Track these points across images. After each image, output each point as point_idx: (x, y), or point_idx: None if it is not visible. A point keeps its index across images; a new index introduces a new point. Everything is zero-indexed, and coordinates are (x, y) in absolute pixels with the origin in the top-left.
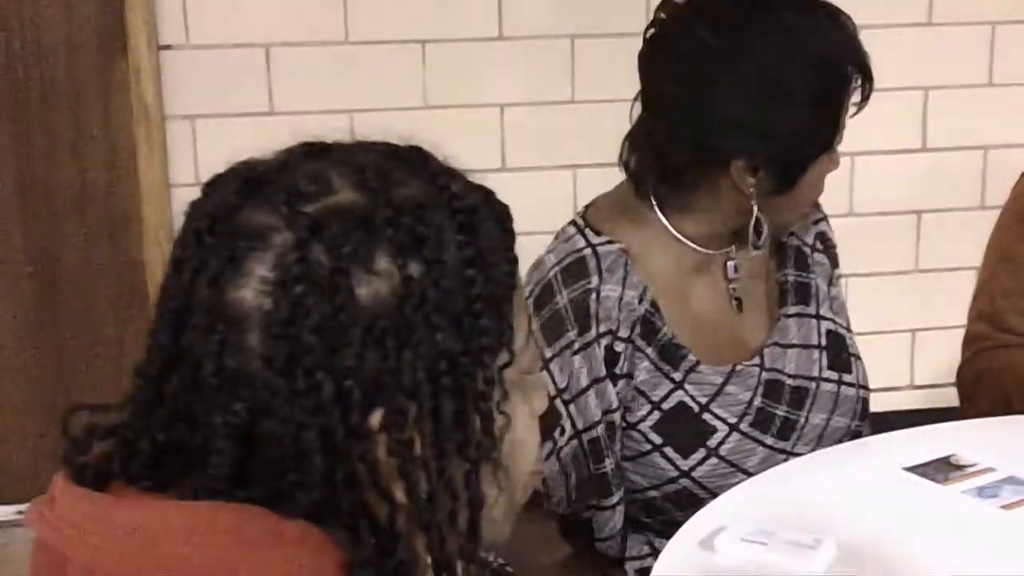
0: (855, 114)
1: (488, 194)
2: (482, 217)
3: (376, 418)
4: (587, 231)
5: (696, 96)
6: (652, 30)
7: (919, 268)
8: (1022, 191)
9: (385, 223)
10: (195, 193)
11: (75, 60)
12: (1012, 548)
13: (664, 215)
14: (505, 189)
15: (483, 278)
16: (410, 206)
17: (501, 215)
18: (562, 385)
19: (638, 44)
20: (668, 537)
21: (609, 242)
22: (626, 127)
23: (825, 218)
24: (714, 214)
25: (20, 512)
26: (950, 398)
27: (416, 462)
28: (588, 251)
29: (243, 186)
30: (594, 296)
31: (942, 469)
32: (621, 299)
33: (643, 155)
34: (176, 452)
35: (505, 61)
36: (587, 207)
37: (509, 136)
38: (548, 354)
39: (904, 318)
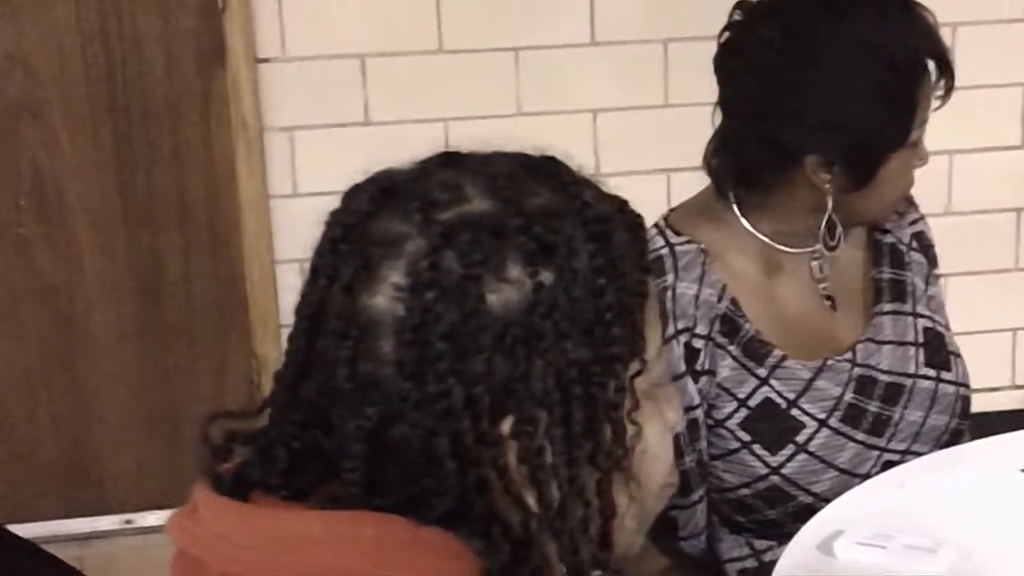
0: (938, 108)
1: (622, 203)
2: (614, 226)
3: (506, 425)
4: (667, 231)
5: (766, 95)
6: (725, 34)
7: (1019, 267)
8: None
9: (516, 231)
10: (294, 204)
11: (174, 74)
12: None
13: (743, 215)
14: None
15: (615, 287)
16: (541, 214)
17: (634, 224)
18: None
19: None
20: (766, 537)
21: (688, 242)
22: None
23: (923, 218)
24: (793, 212)
25: (128, 521)
26: None
27: (547, 469)
28: (666, 250)
29: (378, 194)
30: (670, 294)
31: None
32: (698, 296)
33: (722, 156)
34: (312, 459)
35: (597, 66)
36: (671, 210)
37: (602, 141)
38: None
39: (1005, 317)
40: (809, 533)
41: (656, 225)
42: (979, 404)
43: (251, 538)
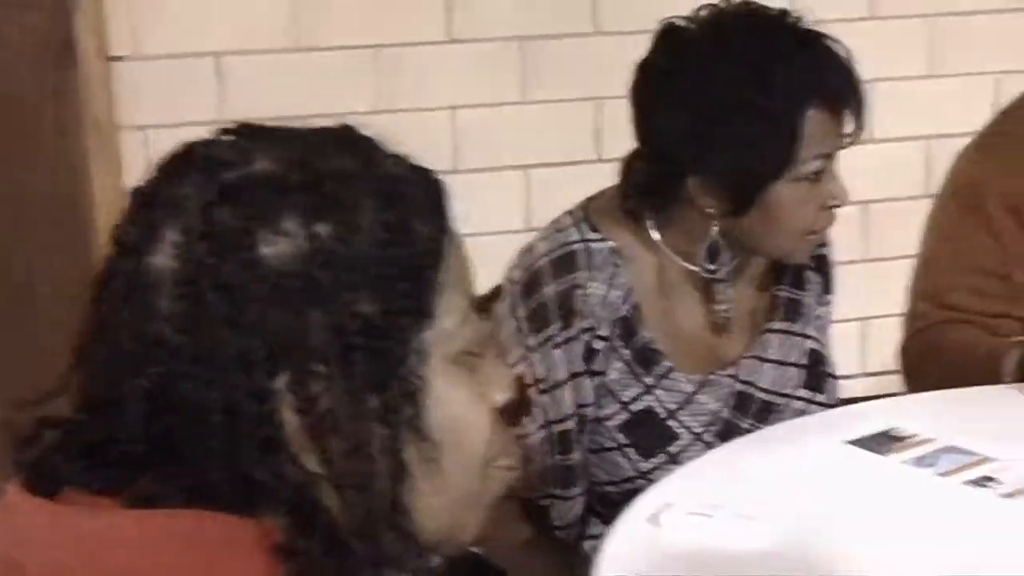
0: (846, 146)
1: (422, 169)
2: (408, 186)
3: (282, 380)
4: (583, 225)
5: (657, 116)
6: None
7: (866, 258)
8: (958, 171)
9: (297, 187)
10: None
11: (24, 72)
12: (945, 513)
13: (652, 224)
14: (457, 191)
15: (402, 244)
16: (327, 173)
17: (432, 187)
18: (540, 375)
19: (585, 44)
20: None
21: (602, 239)
22: (576, 127)
23: (827, 244)
24: (690, 232)
25: None
26: (902, 384)
27: (326, 425)
28: (580, 246)
29: (170, 162)
30: (580, 292)
31: (883, 442)
32: (606, 297)
33: (632, 170)
34: (114, 443)
35: (456, 63)
36: (590, 199)
37: (461, 138)
38: (531, 343)
39: (854, 307)
40: (639, 507)
41: (572, 214)
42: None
43: (66, 540)
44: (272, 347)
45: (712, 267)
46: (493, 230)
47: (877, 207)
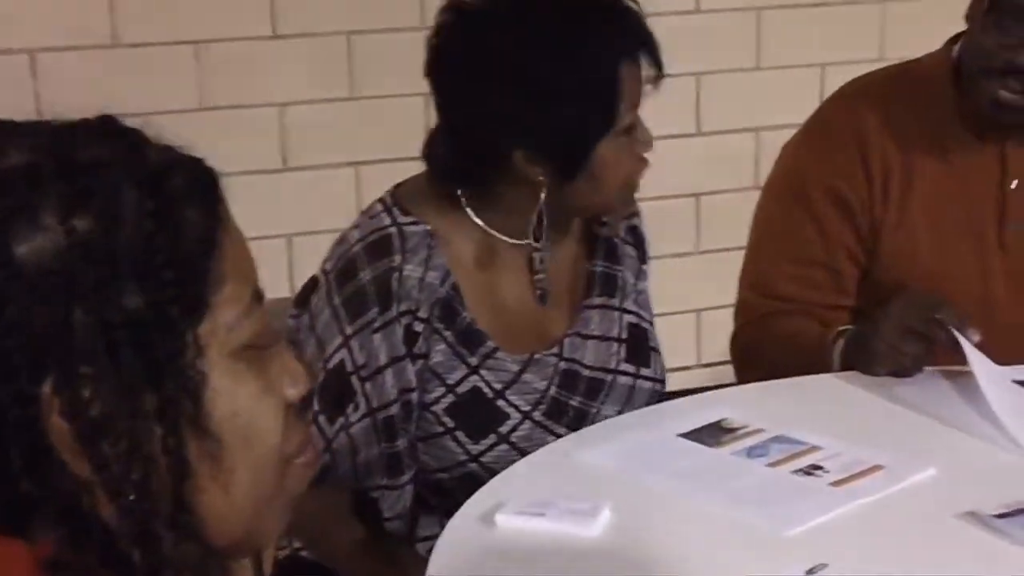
0: (650, 94)
1: (191, 158)
2: (172, 174)
3: (48, 384)
4: (394, 210)
5: (472, 93)
6: (435, 37)
7: (700, 250)
8: (782, 163)
9: (52, 179)
10: None
11: None
12: (775, 500)
13: (469, 204)
14: (288, 188)
15: (168, 234)
16: (83, 163)
17: (202, 177)
18: (360, 362)
19: (414, 39)
20: None
21: (415, 223)
22: (406, 121)
23: (637, 214)
24: (515, 205)
25: None
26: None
27: (96, 427)
28: (393, 230)
29: None
30: (396, 275)
31: (714, 433)
32: (423, 279)
33: (441, 152)
34: None
35: (283, 59)
36: (398, 186)
37: (290, 136)
38: (349, 331)
39: (689, 299)
40: (471, 507)
41: (382, 201)
42: (670, 384)
43: None
44: (34, 350)
45: (542, 236)
46: (324, 228)
47: (708, 199)
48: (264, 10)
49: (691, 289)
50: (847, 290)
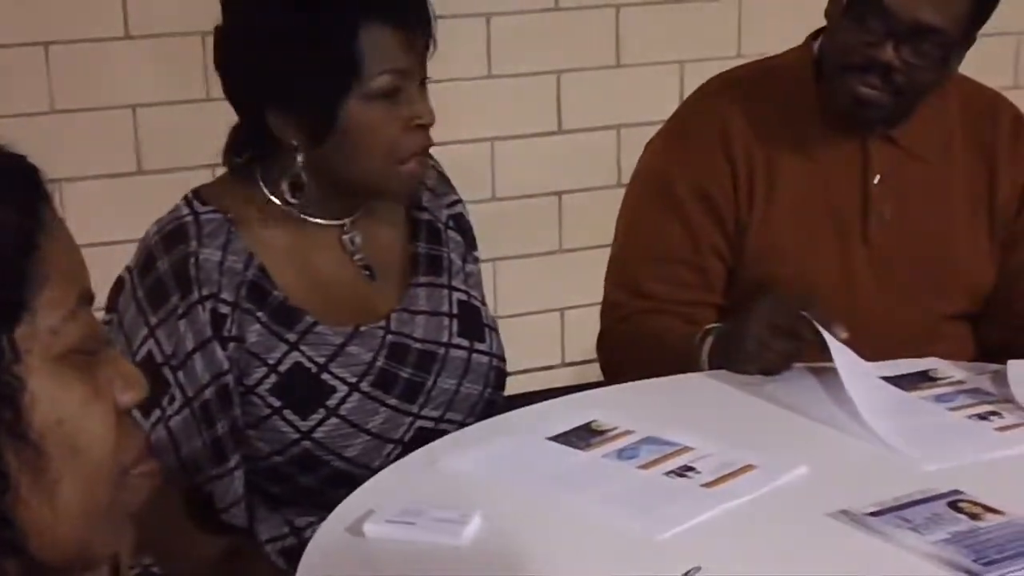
0: (421, 63)
1: (11, 156)
2: None
3: None
4: (194, 202)
5: (224, 58)
6: None
7: (563, 248)
8: (645, 162)
9: None
10: None
11: None
12: (647, 502)
13: (268, 188)
14: (142, 192)
15: None
16: None
17: (22, 175)
18: (169, 352)
19: None
20: (306, 512)
21: (214, 211)
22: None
23: (461, 202)
24: (288, 172)
25: None
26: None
27: None
28: (190, 218)
29: None
30: (193, 260)
31: (584, 436)
32: (222, 263)
33: (234, 141)
34: None
35: (135, 61)
36: (203, 184)
37: (143, 138)
38: (153, 321)
39: (552, 298)
40: (338, 517)
41: (185, 196)
42: (534, 383)
43: None
44: None
45: (294, 201)
46: None
47: (569, 197)
48: (117, 10)
49: (554, 288)
50: (714, 288)
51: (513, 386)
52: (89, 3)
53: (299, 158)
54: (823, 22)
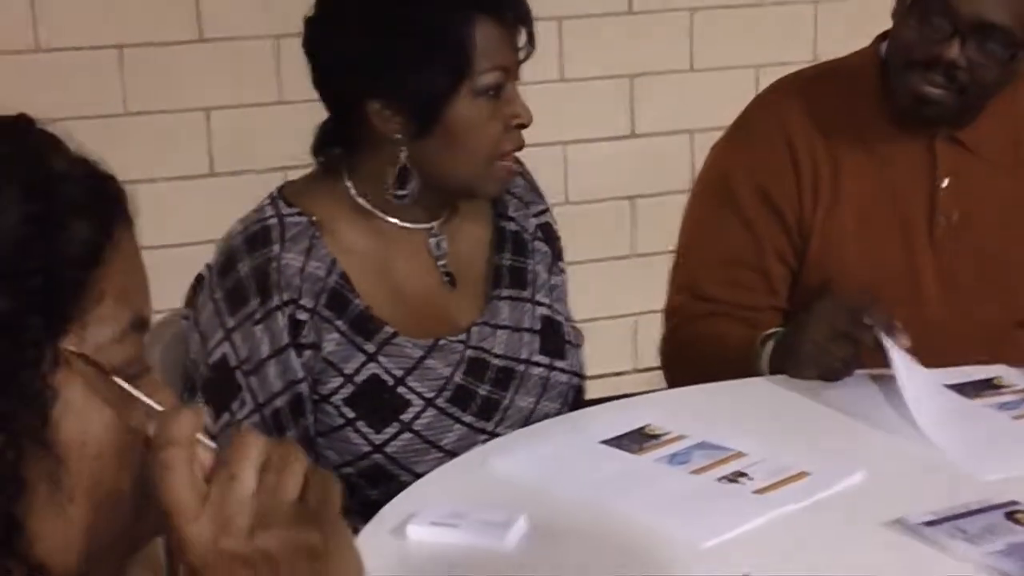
0: (524, 60)
1: (100, 174)
2: (67, 182)
3: None
4: (279, 202)
5: (319, 44)
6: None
7: (636, 252)
8: (709, 164)
9: None
10: None
11: None
12: (696, 508)
13: (354, 186)
14: (214, 194)
15: (48, 240)
16: None
17: (105, 191)
18: (244, 356)
19: None
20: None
21: (299, 214)
22: None
23: (549, 210)
24: (383, 173)
25: None
26: None
27: None
28: (274, 220)
29: None
30: (275, 265)
31: (637, 440)
32: (303, 269)
33: (324, 132)
34: None
35: (208, 63)
36: (288, 182)
37: (216, 140)
38: (231, 324)
39: (626, 303)
40: (383, 518)
41: (270, 195)
42: (606, 389)
43: None
44: None
45: (403, 193)
46: None
47: (644, 202)
48: (191, 13)
49: (627, 293)
50: (777, 291)
51: (587, 391)
52: (163, 6)
53: (402, 152)
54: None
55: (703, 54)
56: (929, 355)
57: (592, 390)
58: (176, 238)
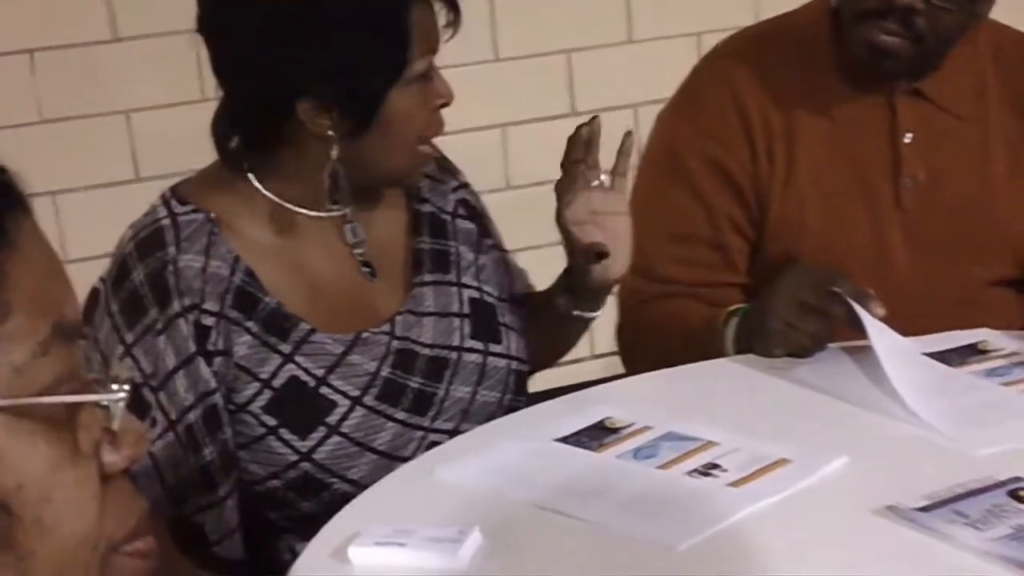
0: (449, 39)
1: None
2: None
3: None
4: (172, 201)
5: (248, 43)
6: None
7: None
8: (656, 135)
9: None
10: None
11: None
12: (667, 508)
13: (259, 180)
14: (141, 201)
15: None
16: None
17: None
18: (148, 371)
19: None
20: (308, 537)
21: (194, 211)
22: None
23: (465, 186)
24: (305, 171)
25: None
26: None
27: None
28: (167, 221)
29: None
30: (171, 268)
31: (596, 435)
32: (205, 269)
33: (223, 121)
34: None
35: (126, 64)
36: (182, 180)
37: (139, 144)
38: (130, 338)
39: None
40: (323, 540)
41: (162, 195)
42: (563, 378)
43: None
44: None
45: (339, 197)
46: None
47: None
48: (103, 13)
49: None
50: (736, 266)
51: (539, 382)
52: (74, 6)
53: (334, 151)
54: None
55: (641, 24)
56: (901, 323)
57: (548, 380)
58: (101, 249)
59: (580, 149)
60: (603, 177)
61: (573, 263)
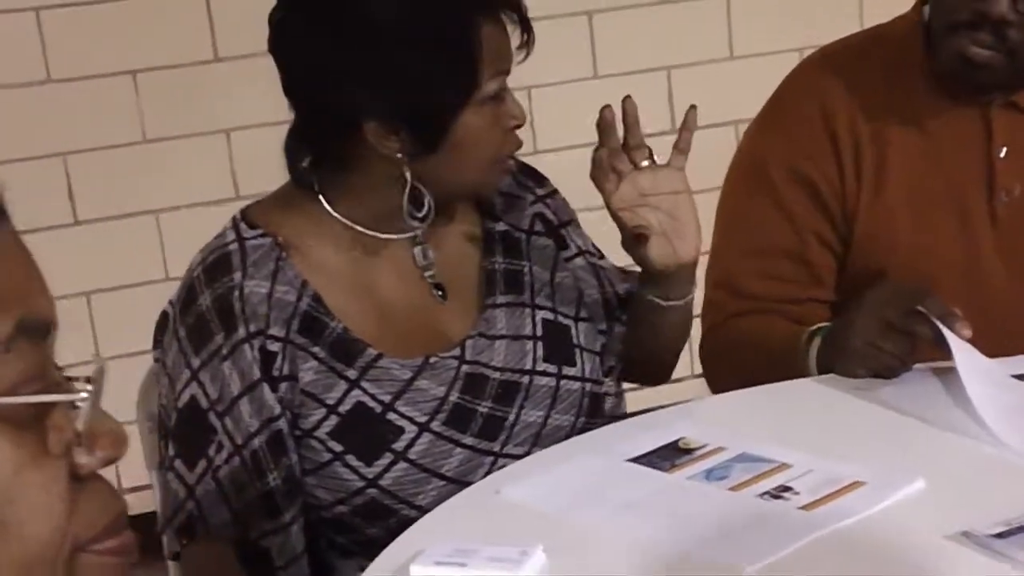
0: (522, 61)
1: None
2: None
3: None
4: (241, 225)
5: (316, 64)
6: (277, 14)
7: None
8: (743, 149)
9: None
10: None
11: None
12: (735, 530)
13: (329, 201)
14: (79, 245)
15: None
16: None
17: None
18: (214, 396)
19: None
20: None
21: (262, 235)
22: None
23: (544, 198)
24: (374, 191)
25: None
26: None
27: None
28: (235, 246)
29: None
30: (237, 294)
31: (669, 456)
32: (271, 295)
33: (294, 142)
34: None
35: (62, 104)
36: (253, 203)
37: (77, 187)
38: (196, 363)
39: None
40: (387, 558)
41: (233, 218)
42: (662, 397)
43: None
44: None
45: (420, 215)
46: None
47: (698, 198)
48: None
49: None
50: (822, 282)
51: (639, 402)
52: (7, 48)
53: (407, 172)
54: None
55: (741, 40)
56: (992, 344)
57: (648, 399)
58: None
59: (605, 135)
60: (647, 160)
61: (624, 248)
